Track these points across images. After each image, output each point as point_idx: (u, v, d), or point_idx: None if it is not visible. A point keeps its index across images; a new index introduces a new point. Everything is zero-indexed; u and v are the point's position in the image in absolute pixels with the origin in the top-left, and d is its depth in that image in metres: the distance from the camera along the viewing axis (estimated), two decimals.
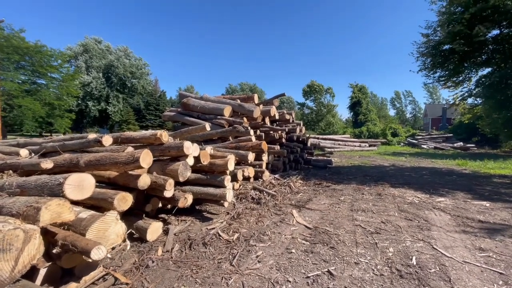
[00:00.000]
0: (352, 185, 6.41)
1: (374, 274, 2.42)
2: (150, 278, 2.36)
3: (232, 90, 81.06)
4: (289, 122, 9.22)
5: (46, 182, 2.04)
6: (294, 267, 2.56)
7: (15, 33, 25.75)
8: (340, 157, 13.74)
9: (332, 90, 38.35)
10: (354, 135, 26.91)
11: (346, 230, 3.51)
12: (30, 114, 26.33)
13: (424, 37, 14.30)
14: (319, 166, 9.69)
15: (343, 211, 4.35)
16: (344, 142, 18.99)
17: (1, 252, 1.36)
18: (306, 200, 5.07)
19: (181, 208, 3.86)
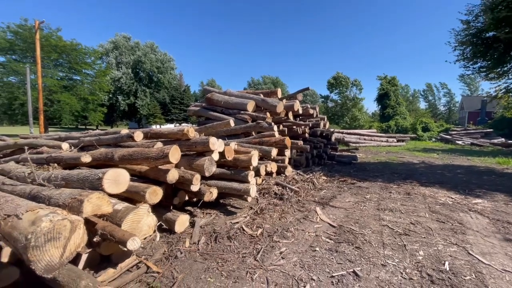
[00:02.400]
0: (378, 183, 6.19)
1: (402, 277, 2.34)
2: (179, 268, 2.49)
3: (254, 84, 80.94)
4: (313, 117, 9.04)
5: (87, 176, 2.21)
6: (318, 265, 2.56)
7: (52, 32, 27.60)
8: (366, 153, 13.26)
9: (360, 82, 36.74)
10: (381, 129, 25.75)
11: (372, 230, 3.41)
12: (68, 108, 28.34)
13: (463, 24, 13.13)
14: (343, 162, 9.45)
15: (369, 210, 4.23)
16: (370, 137, 18.26)
17: (52, 240, 1.51)
18: (330, 197, 4.99)
19: (206, 201, 3.99)
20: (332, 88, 37.70)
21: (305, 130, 8.04)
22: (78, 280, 1.87)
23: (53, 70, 28.88)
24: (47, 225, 1.49)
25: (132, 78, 49.80)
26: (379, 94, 34.28)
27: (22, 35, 26.07)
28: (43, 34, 26.20)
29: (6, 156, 4.60)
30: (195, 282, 2.28)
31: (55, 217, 1.53)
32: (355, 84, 37.05)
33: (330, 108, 38.20)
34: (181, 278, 2.30)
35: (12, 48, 26.31)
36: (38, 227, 1.46)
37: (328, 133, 9.67)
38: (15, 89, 26.37)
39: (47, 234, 1.48)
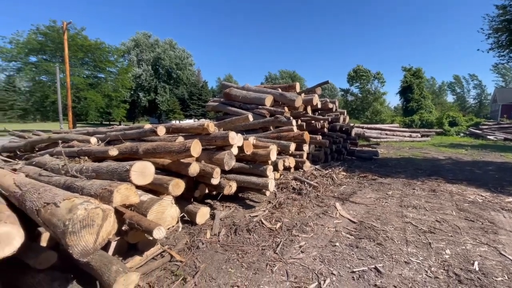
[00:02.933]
0: (401, 179, 5.98)
1: (427, 275, 2.27)
2: (201, 258, 2.57)
3: (271, 78, 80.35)
4: (332, 111, 8.86)
5: (115, 168, 2.33)
6: (339, 260, 2.54)
7: (78, 32, 28.87)
8: (387, 148, 12.81)
9: (382, 75, 35.30)
10: (404, 124, 24.68)
11: (394, 227, 3.32)
12: (93, 105, 29.73)
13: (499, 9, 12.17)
14: (363, 157, 9.20)
15: (391, 207, 4.11)
16: (392, 132, 17.58)
17: (86, 227, 1.61)
18: (350, 193, 4.90)
19: (225, 195, 4.07)
20: (352, 82, 36.59)
21: (324, 125, 7.90)
22: (110, 265, 2.00)
23: (80, 68, 30.38)
24: (82, 213, 1.59)
25: (152, 75, 51.23)
26: (402, 87, 32.83)
27: (51, 36, 27.57)
28: (70, 34, 27.54)
29: (41, 149, 4.95)
30: (217, 272, 2.35)
31: (89, 206, 1.64)
32: (377, 77, 35.68)
33: (350, 102, 37.16)
34: (203, 267, 2.38)
35: (43, 48, 27.93)
36: (74, 215, 1.57)
37: (348, 127, 9.44)
38: (46, 87, 28.06)
39: (83, 221, 1.59)
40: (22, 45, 26.63)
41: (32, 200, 1.98)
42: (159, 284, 2.14)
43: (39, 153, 4.53)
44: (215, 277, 2.28)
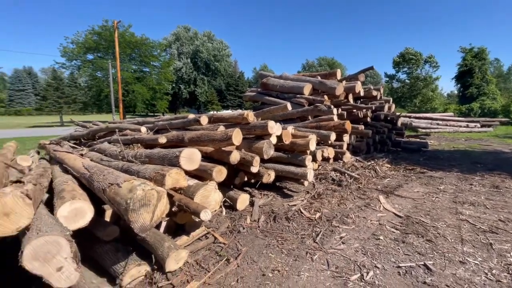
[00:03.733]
0: (455, 173, 5.42)
1: (487, 278, 2.06)
2: (242, 242, 2.69)
3: (308, 66, 77.67)
4: (376, 99, 8.30)
5: (166, 154, 2.53)
6: (383, 254, 2.44)
7: (126, 29, 31.07)
8: (439, 140, 11.64)
9: (434, 58, 31.60)
10: (460, 113, 22.06)
11: (447, 224, 3.06)
12: (140, 97, 32.13)
13: None
14: (410, 149, 8.51)
15: (443, 202, 3.77)
16: (445, 122, 15.85)
17: (144, 206, 1.80)
18: (394, 186, 4.61)
19: (263, 183, 4.15)
20: (398, 67, 33.45)
21: (367, 114, 7.46)
22: (162, 241, 2.21)
23: (128, 64, 32.93)
24: (140, 193, 1.77)
25: (191, 68, 53.35)
26: (459, 71, 29.13)
27: (104, 35, 30.24)
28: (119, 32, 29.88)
29: (101, 138, 5.57)
30: (257, 255, 2.44)
31: (146, 187, 1.81)
32: (428, 61, 32.05)
33: (396, 89, 34.20)
34: (245, 250, 2.49)
35: (98, 47, 30.82)
36: (134, 194, 1.75)
37: (394, 117, 8.77)
38: (101, 82, 31.11)
39: (141, 200, 1.77)
40: (81, 45, 29.75)
41: (98, 180, 2.25)
42: (205, 262, 2.30)
43: (99, 141, 5.10)
44: (256, 260, 2.37)
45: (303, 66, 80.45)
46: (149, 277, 2.01)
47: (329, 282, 2.07)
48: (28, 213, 1.42)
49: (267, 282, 2.06)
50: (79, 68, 30.90)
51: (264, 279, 2.10)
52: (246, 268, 2.26)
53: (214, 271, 2.16)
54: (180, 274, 2.08)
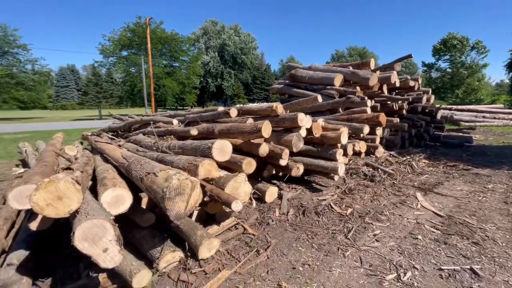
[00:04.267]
0: (505, 171, 4.90)
1: None
2: (271, 234, 2.69)
3: (338, 57, 74.68)
4: (413, 90, 7.73)
5: (198, 146, 2.60)
6: (422, 255, 2.29)
7: (158, 25, 32.16)
8: (485, 134, 10.57)
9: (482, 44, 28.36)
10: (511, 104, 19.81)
11: (497, 226, 2.78)
12: (170, 92, 33.34)
13: None
14: (451, 144, 7.84)
15: (492, 202, 3.44)
16: (493, 115, 14.32)
17: (179, 195, 1.86)
18: (433, 183, 4.29)
19: (291, 176, 4.10)
20: (439, 54, 30.62)
21: (403, 106, 6.99)
22: (195, 229, 2.28)
23: (159, 59, 34.24)
24: (176, 183, 1.83)
25: (218, 61, 54.03)
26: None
27: (137, 32, 31.66)
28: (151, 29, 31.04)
29: (136, 130, 5.89)
30: (287, 248, 2.43)
31: (181, 177, 1.87)
32: (475, 47, 28.87)
33: (434, 80, 31.53)
34: (274, 243, 2.49)
35: (131, 43, 32.39)
36: (170, 183, 1.82)
37: (433, 109, 8.12)
38: (134, 78, 32.79)
39: (176, 189, 1.83)
40: (116, 42, 31.49)
41: (136, 170, 2.37)
42: (235, 252, 2.34)
43: (134, 133, 5.40)
44: (286, 253, 2.35)
45: (332, 56, 77.43)
46: (183, 263, 2.10)
47: (363, 279, 1.99)
48: (78, 197, 1.54)
49: (298, 276, 2.04)
50: (115, 65, 32.81)
51: (295, 272, 2.08)
52: (276, 260, 2.25)
53: (245, 261, 2.18)
54: (212, 262, 2.14)
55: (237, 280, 1.98)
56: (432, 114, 8.23)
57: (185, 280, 1.92)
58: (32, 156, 4.99)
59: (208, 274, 2.02)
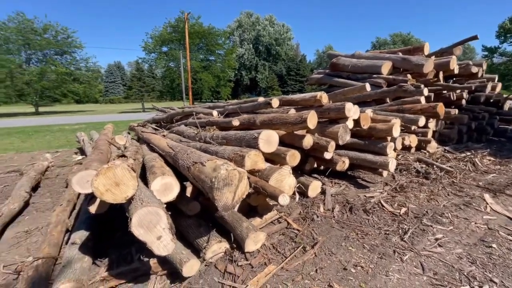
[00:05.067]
0: None
1: None
2: (317, 230, 2.55)
3: (380, 44, 69.48)
4: (476, 77, 6.78)
5: (243, 136, 2.54)
6: (499, 266, 1.96)
7: (196, 20, 32.96)
8: None
9: None
10: None
11: None
12: (206, 85, 34.24)
13: None
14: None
15: None
16: None
17: (227, 185, 1.81)
18: (504, 184, 3.72)
19: (334, 171, 3.88)
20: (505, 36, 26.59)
21: (462, 95, 6.18)
22: (240, 221, 2.23)
23: (196, 53, 35.26)
24: (224, 173, 1.78)
25: (253, 53, 53.90)
26: None
27: (177, 27, 32.84)
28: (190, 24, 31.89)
29: (178, 121, 6.10)
30: (336, 247, 2.27)
31: (229, 167, 1.81)
32: None
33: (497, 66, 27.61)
34: (322, 240, 2.34)
35: (171, 39, 33.76)
36: (218, 173, 1.77)
37: (499, 99, 7.07)
38: (173, 72, 34.27)
39: (224, 180, 1.78)
40: (157, 38, 33.10)
41: (183, 159, 2.39)
42: (281, 247, 2.25)
43: (176, 124, 5.58)
44: (335, 252, 2.20)
45: (373, 44, 72.24)
46: (228, 255, 2.07)
47: None
48: (133, 184, 1.57)
49: (350, 278, 1.88)
50: (156, 60, 34.60)
51: (346, 274, 1.92)
52: (324, 258, 2.12)
53: (291, 258, 2.08)
54: (258, 256, 2.08)
55: (284, 277, 1.90)
56: (498, 105, 7.18)
57: (231, 272, 1.89)
58: (88, 144, 5.45)
59: (254, 268, 1.96)
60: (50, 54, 30.84)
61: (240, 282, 1.82)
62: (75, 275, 1.72)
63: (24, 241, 2.65)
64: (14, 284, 1.92)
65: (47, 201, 3.77)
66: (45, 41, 28.99)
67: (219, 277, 1.87)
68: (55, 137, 9.70)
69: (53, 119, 19.00)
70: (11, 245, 2.56)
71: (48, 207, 3.54)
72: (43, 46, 29.10)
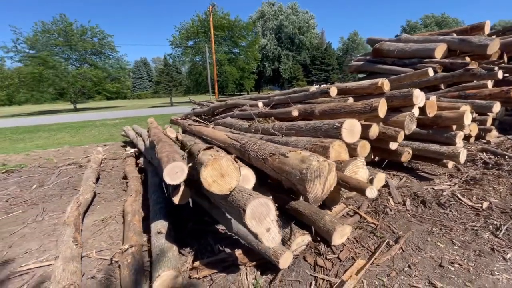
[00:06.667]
0: None
1: None
2: (395, 225, 2.42)
3: (410, 28, 64.94)
4: None
5: (318, 126, 2.46)
6: None
7: (222, 13, 32.84)
8: None
9: None
10: None
11: None
12: (231, 78, 34.33)
13: None
14: None
15: None
16: None
17: (318, 177, 1.75)
18: None
19: (390, 162, 3.70)
20: None
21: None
22: (321, 214, 2.18)
23: (222, 45, 35.32)
24: (316, 164, 1.72)
25: (275, 44, 52.90)
26: None
27: (205, 21, 33.02)
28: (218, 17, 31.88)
29: (218, 114, 6.15)
30: (422, 243, 2.14)
31: (320, 158, 1.75)
32: None
33: None
34: (406, 235, 2.21)
35: (198, 33, 34.08)
36: (310, 165, 1.72)
37: None
38: (199, 66, 34.73)
39: (316, 171, 1.73)
40: (184, 32, 33.60)
41: (254, 150, 2.36)
42: (363, 241, 2.17)
43: (220, 116, 5.62)
44: (422, 248, 2.07)
45: (403, 29, 67.64)
46: (313, 248, 2.03)
47: None
48: (236, 175, 1.56)
49: (451, 276, 1.76)
50: (182, 54, 35.24)
51: (445, 271, 1.80)
52: (413, 254, 2.00)
53: (379, 253, 2.00)
54: (344, 250, 2.02)
55: (377, 272, 1.82)
56: None
57: (322, 265, 1.84)
58: (139, 138, 5.68)
59: (342, 262, 1.91)
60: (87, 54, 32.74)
61: (333, 276, 1.78)
62: (171, 263, 1.78)
63: (103, 228, 2.82)
64: (112, 269, 2.04)
65: (110, 192, 4.00)
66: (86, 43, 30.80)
67: (309, 269, 1.84)
68: (99, 132, 10.31)
69: (91, 115, 20.22)
70: (93, 232, 2.74)
71: (113, 197, 3.75)
72: (84, 47, 30.92)
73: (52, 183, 4.44)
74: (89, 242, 2.54)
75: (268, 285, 1.72)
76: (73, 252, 2.05)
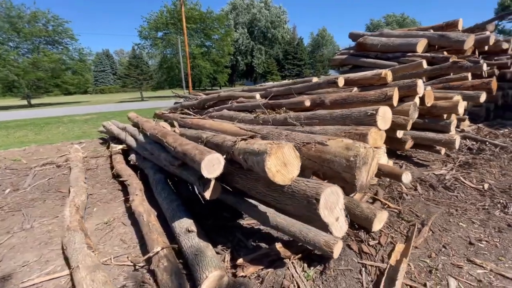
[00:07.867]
0: None
1: None
2: (416, 209, 2.51)
3: (374, 27, 68.54)
4: (506, 53, 6.74)
5: (347, 114, 2.44)
6: None
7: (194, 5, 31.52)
8: None
9: None
10: None
11: None
12: (205, 72, 33.37)
13: None
14: None
15: None
16: None
17: (364, 164, 1.74)
18: None
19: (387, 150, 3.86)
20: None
21: (494, 72, 6.15)
22: (356, 202, 2.18)
23: (194, 37, 34.01)
24: (363, 151, 1.70)
25: (248, 38, 52.39)
26: None
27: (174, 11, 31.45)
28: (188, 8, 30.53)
29: (210, 107, 5.90)
30: (446, 224, 2.25)
31: (366, 145, 1.73)
32: None
33: None
34: (432, 218, 2.31)
35: (167, 24, 32.40)
36: (358, 152, 1.69)
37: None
38: (169, 59, 33.16)
39: (363, 158, 1.71)
40: (152, 23, 31.76)
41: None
42: (395, 226, 2.22)
43: (214, 109, 5.40)
44: (448, 228, 2.18)
45: (367, 27, 71.18)
46: (353, 236, 2.03)
47: None
48: (298, 164, 1.48)
49: (483, 252, 1.87)
50: (152, 46, 33.35)
51: (477, 248, 1.91)
52: (442, 235, 2.10)
53: (414, 236, 2.06)
54: (382, 235, 2.04)
55: (417, 254, 1.87)
56: None
57: (367, 252, 1.85)
58: (126, 133, 5.24)
59: (384, 247, 1.93)
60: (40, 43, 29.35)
61: (379, 261, 1.79)
62: (214, 262, 1.66)
63: (111, 232, 2.55)
64: (139, 275, 1.85)
65: (103, 192, 3.65)
66: (36, 29, 27.43)
67: (356, 257, 1.83)
68: (69, 129, 9.37)
69: (53, 111, 18.29)
70: (100, 237, 2.47)
71: (109, 198, 3.43)
72: (34, 35, 27.55)
73: (29, 186, 3.93)
74: (100, 248, 2.28)
75: (319, 276, 1.68)
76: (93, 260, 1.81)
